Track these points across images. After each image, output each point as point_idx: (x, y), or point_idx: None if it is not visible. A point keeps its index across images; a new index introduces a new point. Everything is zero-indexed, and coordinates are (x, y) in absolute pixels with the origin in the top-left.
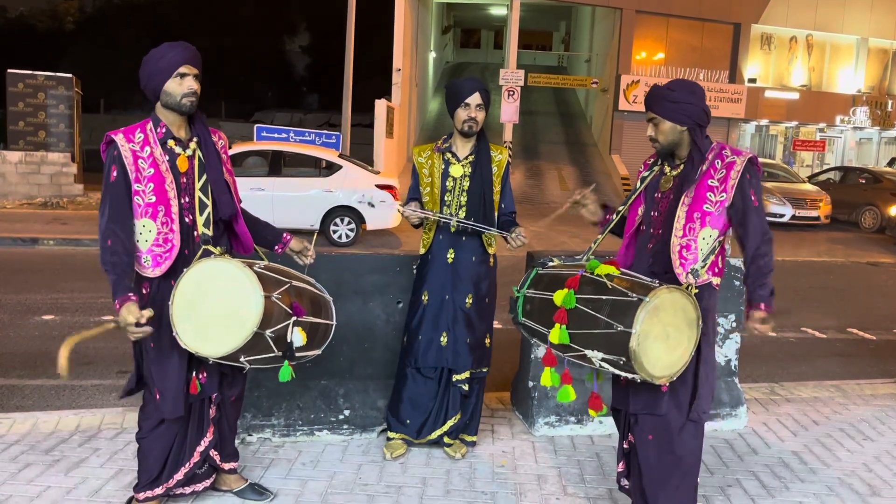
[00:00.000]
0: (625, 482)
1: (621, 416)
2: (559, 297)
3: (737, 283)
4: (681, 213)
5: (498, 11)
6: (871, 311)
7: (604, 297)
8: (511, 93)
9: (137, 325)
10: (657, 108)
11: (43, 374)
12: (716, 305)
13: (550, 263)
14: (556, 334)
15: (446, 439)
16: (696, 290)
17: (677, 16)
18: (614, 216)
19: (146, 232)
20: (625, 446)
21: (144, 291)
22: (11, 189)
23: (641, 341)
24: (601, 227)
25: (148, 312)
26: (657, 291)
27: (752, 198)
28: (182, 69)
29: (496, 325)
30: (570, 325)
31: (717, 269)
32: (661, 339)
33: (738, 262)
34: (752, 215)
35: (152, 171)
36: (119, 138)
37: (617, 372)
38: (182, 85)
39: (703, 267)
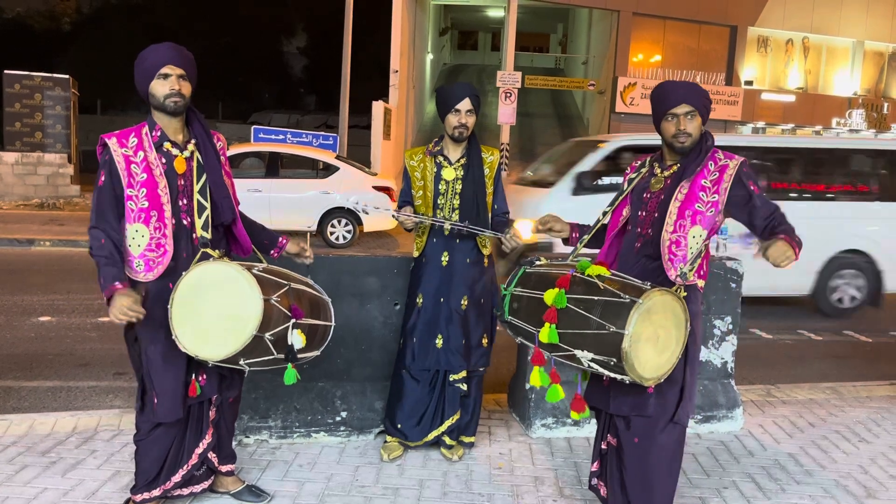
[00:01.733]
0: (595, 482)
1: (601, 416)
2: (550, 296)
3: (733, 285)
4: (673, 208)
5: (495, 13)
6: (867, 313)
7: (595, 298)
8: (508, 94)
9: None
10: (696, 102)
11: (39, 376)
12: (700, 308)
13: (538, 262)
14: (546, 333)
15: (446, 439)
16: (685, 294)
17: (674, 18)
18: (601, 215)
19: (139, 237)
20: (603, 447)
21: (140, 296)
22: (8, 190)
23: (633, 343)
24: (574, 241)
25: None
26: (650, 294)
27: (753, 187)
28: (165, 69)
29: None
30: (560, 325)
31: (702, 272)
32: (652, 341)
33: (734, 264)
34: (756, 199)
35: (145, 176)
36: (112, 142)
37: (607, 373)
38: (164, 85)
39: (691, 270)
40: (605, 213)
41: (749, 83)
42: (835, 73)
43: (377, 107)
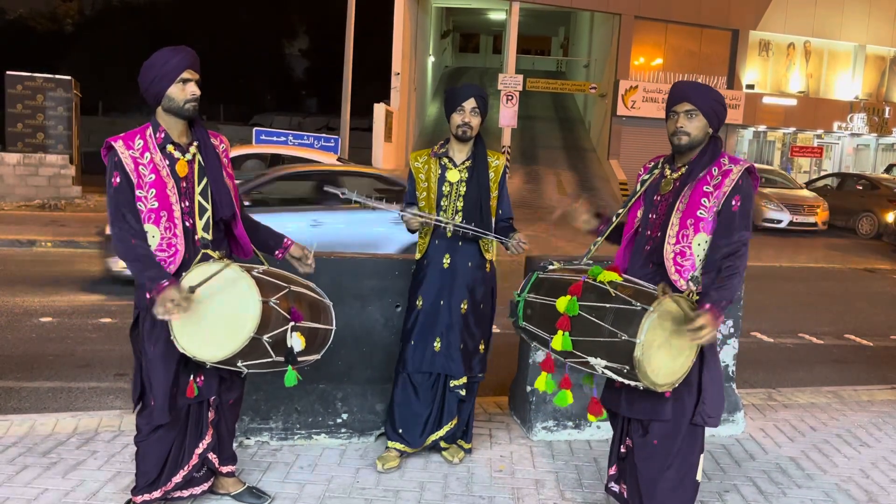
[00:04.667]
0: (614, 486)
1: (618, 419)
2: (562, 303)
3: None
4: (674, 219)
5: (497, 16)
6: (868, 317)
7: (607, 305)
8: (510, 97)
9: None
10: (700, 101)
11: (40, 377)
12: None
13: (551, 267)
14: (559, 341)
15: (443, 444)
16: (698, 297)
17: (676, 22)
18: (614, 218)
19: (150, 238)
20: (622, 451)
21: (148, 296)
22: (9, 191)
23: (645, 350)
24: (597, 234)
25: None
26: (661, 300)
27: (735, 203)
28: (185, 74)
29: (495, 329)
30: (573, 332)
31: None
32: (665, 347)
33: None
34: (734, 218)
35: (153, 176)
36: (119, 145)
37: (620, 379)
38: (185, 90)
39: (702, 274)
40: (617, 214)
41: (750, 87)
42: (836, 77)
43: (378, 109)
